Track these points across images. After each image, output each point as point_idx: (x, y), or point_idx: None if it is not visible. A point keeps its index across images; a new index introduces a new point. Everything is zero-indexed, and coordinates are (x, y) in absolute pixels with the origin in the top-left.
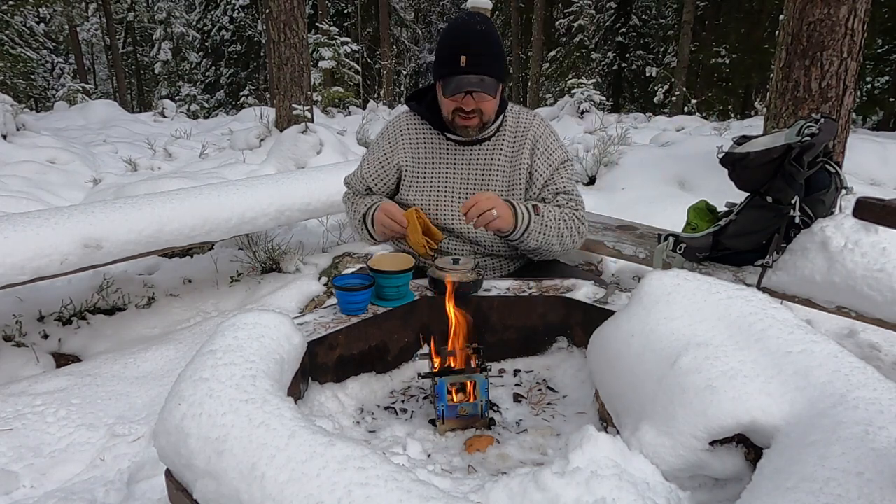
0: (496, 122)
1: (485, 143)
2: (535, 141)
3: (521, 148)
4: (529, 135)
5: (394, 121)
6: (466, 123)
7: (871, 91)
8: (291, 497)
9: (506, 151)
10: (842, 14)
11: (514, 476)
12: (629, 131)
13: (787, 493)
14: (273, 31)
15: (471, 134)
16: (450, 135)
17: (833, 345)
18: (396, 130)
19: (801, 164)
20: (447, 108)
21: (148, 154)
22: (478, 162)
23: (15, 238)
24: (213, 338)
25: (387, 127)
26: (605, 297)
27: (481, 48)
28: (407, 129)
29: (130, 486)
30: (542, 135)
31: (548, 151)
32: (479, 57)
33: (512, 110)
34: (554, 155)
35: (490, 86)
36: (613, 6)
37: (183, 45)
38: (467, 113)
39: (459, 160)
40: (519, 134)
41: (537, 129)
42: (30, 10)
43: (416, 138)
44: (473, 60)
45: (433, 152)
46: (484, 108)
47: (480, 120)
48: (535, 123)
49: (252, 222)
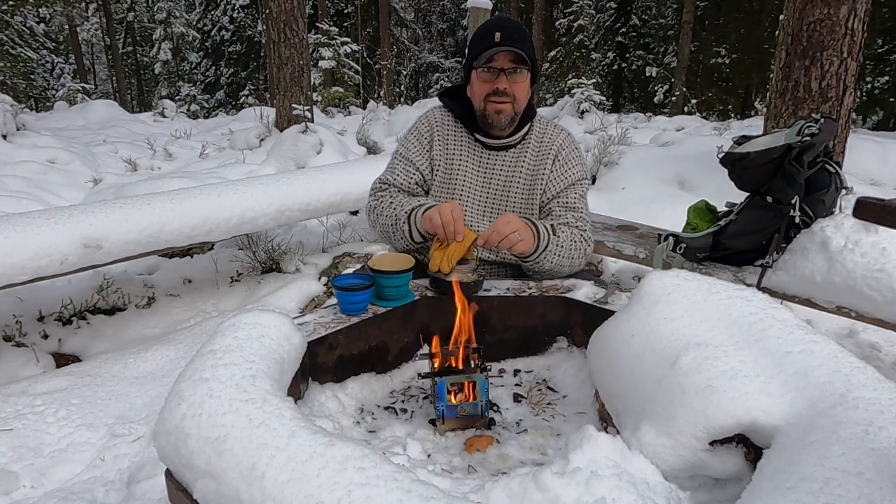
0: (523, 130)
1: (511, 149)
2: (558, 153)
3: (544, 159)
4: (553, 147)
5: (427, 115)
6: (499, 107)
7: (871, 91)
8: (291, 497)
9: (529, 160)
10: (842, 14)
11: (514, 476)
12: (629, 131)
13: (787, 493)
14: (273, 31)
15: (502, 123)
16: (479, 136)
17: (833, 345)
18: (432, 123)
19: (801, 164)
20: (480, 93)
21: (148, 154)
22: (502, 168)
23: (15, 238)
24: (213, 338)
25: (420, 121)
26: (605, 297)
27: (515, 28)
28: (440, 123)
29: (130, 486)
30: (566, 148)
31: (567, 165)
32: (514, 34)
33: (540, 121)
34: (572, 171)
35: (522, 60)
36: (613, 6)
37: (183, 45)
38: (500, 96)
39: (485, 163)
40: (544, 145)
41: (562, 143)
42: (30, 10)
43: (447, 134)
44: (508, 36)
45: (460, 151)
46: (517, 93)
47: (513, 108)
48: (560, 136)
49: (252, 222)
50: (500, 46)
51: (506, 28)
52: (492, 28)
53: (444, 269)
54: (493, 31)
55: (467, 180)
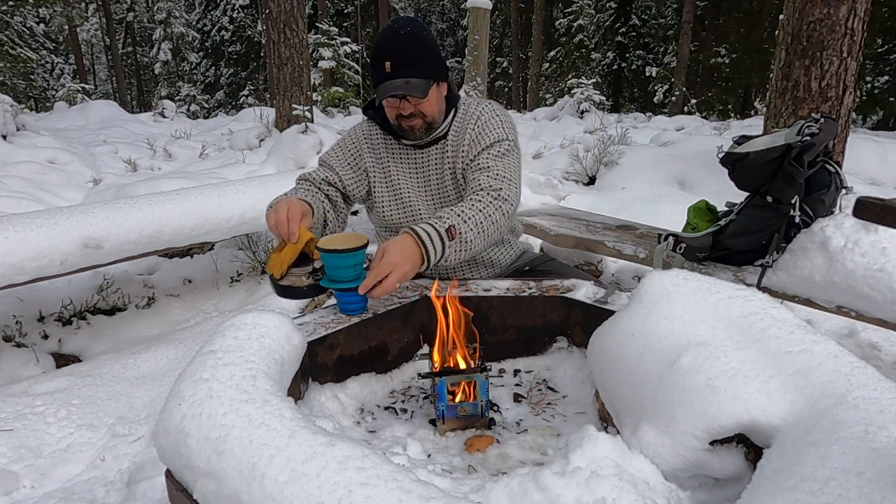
0: (447, 119)
1: (439, 142)
2: (477, 122)
3: (462, 136)
4: (471, 120)
5: (354, 129)
6: (410, 125)
7: (871, 91)
8: (291, 497)
9: (451, 146)
10: (841, 14)
11: (515, 476)
12: (629, 131)
13: (787, 493)
14: (273, 31)
15: (419, 136)
16: (405, 141)
17: (833, 344)
18: (359, 136)
19: (801, 163)
20: (389, 115)
21: (148, 154)
22: (434, 162)
23: (15, 238)
24: (213, 338)
25: (348, 134)
26: (605, 297)
27: (404, 52)
28: (367, 136)
29: (131, 486)
30: (484, 115)
31: (484, 130)
32: (403, 60)
33: (462, 103)
34: (490, 134)
35: (417, 87)
36: (613, 6)
37: (183, 45)
38: (407, 116)
39: (419, 163)
40: (462, 124)
41: (480, 113)
42: (30, 11)
43: (377, 144)
44: (397, 64)
45: (393, 158)
46: (423, 109)
47: (424, 121)
48: (479, 108)
49: (252, 222)
50: (392, 79)
51: (394, 53)
52: (382, 55)
53: (275, 273)
54: (383, 60)
55: (407, 184)
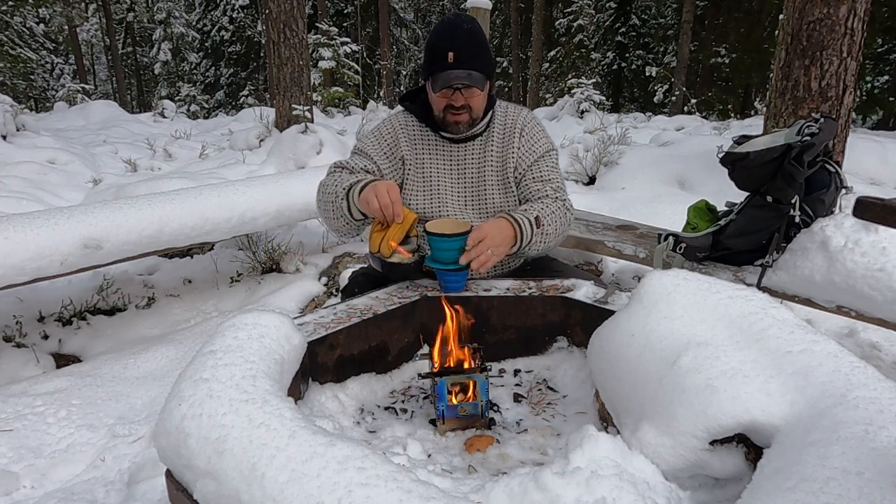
0: (485, 119)
1: (477, 139)
2: (523, 129)
3: (510, 138)
4: (518, 124)
5: (390, 118)
6: (457, 119)
7: (871, 90)
8: (291, 497)
9: (496, 144)
10: (841, 13)
11: (515, 476)
12: (629, 131)
13: (787, 493)
14: (273, 31)
15: (462, 130)
16: (443, 133)
17: (833, 344)
18: (396, 126)
19: (801, 163)
20: (438, 106)
21: (148, 154)
22: (473, 158)
23: (15, 238)
24: (213, 338)
25: (383, 123)
26: (605, 297)
27: (468, 45)
28: (404, 126)
29: (131, 486)
30: (529, 123)
31: (534, 138)
32: (466, 53)
33: (500, 106)
34: (539, 143)
35: (478, 80)
36: (613, 6)
37: (183, 45)
38: (457, 109)
39: (455, 158)
40: (507, 125)
41: (524, 119)
42: (30, 11)
43: (413, 135)
44: (460, 56)
45: (429, 150)
46: (473, 104)
47: (470, 116)
48: (522, 114)
49: (252, 222)
50: (454, 70)
51: (459, 46)
52: (446, 47)
53: (384, 251)
54: (446, 50)
55: (442, 177)
